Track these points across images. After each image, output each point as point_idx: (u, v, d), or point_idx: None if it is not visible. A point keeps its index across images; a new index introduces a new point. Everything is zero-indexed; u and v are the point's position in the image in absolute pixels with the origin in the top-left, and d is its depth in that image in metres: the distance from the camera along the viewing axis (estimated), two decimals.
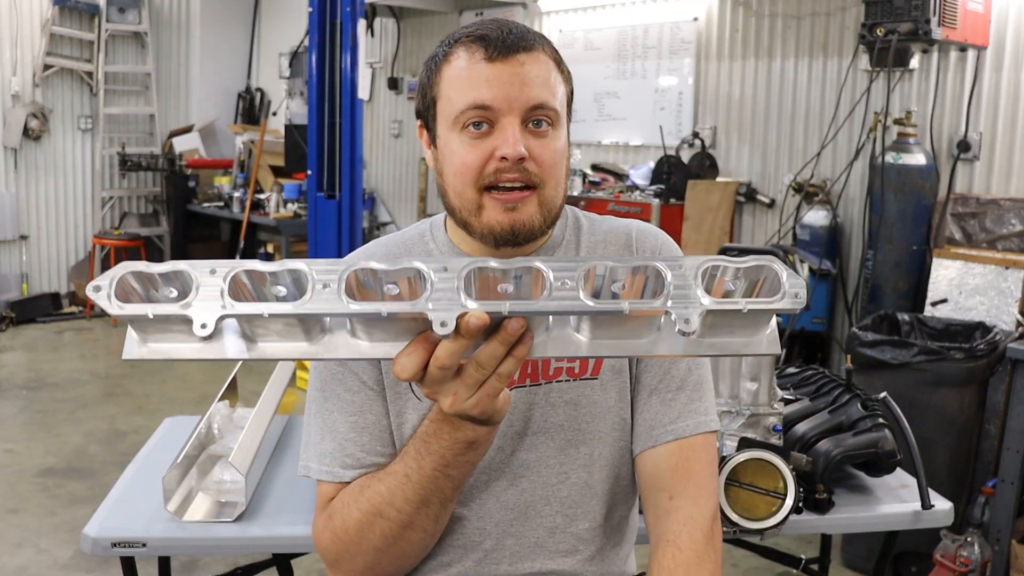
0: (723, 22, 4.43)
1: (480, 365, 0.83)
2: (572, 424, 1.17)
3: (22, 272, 6.52)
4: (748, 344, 0.83)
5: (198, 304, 0.76)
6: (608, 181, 4.69)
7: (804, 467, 1.65)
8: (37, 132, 6.45)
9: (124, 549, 1.51)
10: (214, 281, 0.76)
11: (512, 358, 0.82)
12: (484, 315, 0.76)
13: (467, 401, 0.86)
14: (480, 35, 1.06)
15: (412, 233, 1.24)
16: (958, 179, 3.51)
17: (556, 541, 1.18)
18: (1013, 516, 2.71)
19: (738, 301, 0.77)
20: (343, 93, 4.37)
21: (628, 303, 0.77)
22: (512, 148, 1.04)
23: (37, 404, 4.64)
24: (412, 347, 0.82)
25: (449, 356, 0.80)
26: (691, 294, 0.77)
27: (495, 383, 0.85)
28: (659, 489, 1.15)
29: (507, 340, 0.80)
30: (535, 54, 1.06)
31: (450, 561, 1.18)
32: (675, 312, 0.76)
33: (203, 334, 0.75)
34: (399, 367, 0.82)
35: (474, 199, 1.08)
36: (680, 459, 1.15)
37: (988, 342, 2.85)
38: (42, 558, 3.02)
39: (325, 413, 1.15)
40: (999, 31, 3.39)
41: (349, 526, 1.07)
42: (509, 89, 1.04)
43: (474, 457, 0.97)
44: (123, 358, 0.81)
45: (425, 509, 1.03)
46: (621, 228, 1.24)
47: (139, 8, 6.77)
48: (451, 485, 1.00)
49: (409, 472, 1.00)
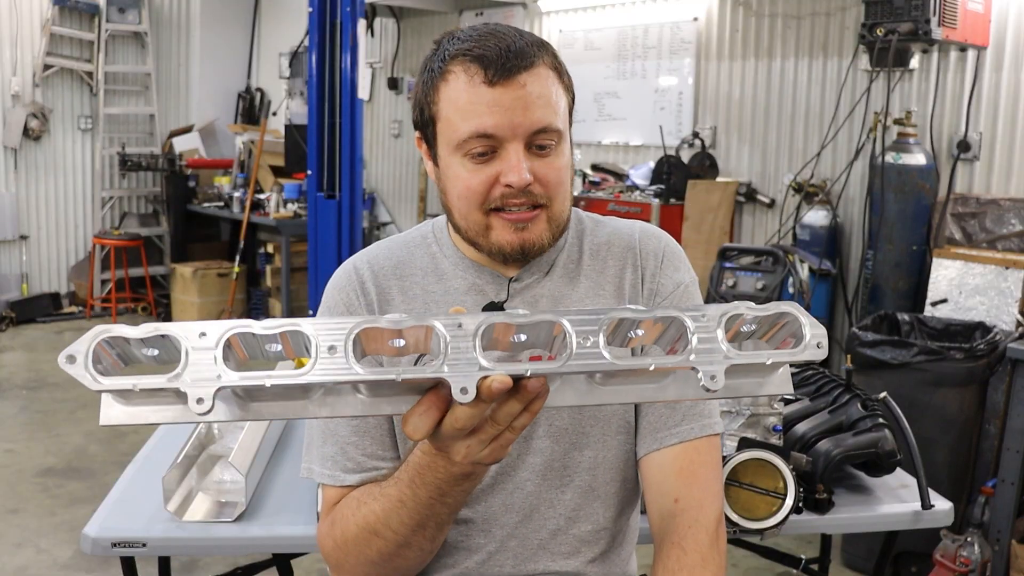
0: (723, 22, 4.43)
1: (496, 422, 0.80)
2: (577, 427, 1.17)
3: (22, 272, 6.53)
4: (761, 385, 0.81)
5: (190, 375, 0.69)
6: (608, 181, 4.69)
7: (804, 467, 1.65)
8: (37, 132, 6.45)
9: (124, 549, 1.50)
10: (205, 345, 0.69)
11: (527, 413, 0.79)
12: (508, 379, 0.73)
13: (480, 454, 0.84)
14: (479, 55, 1.03)
15: (415, 235, 1.24)
16: (958, 179, 3.51)
17: (559, 543, 1.18)
18: (1013, 516, 2.71)
19: (762, 353, 0.74)
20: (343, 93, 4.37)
21: (653, 360, 0.74)
22: (518, 176, 1.04)
23: (37, 404, 4.64)
24: (424, 408, 0.78)
25: (469, 419, 0.78)
26: (715, 347, 0.74)
27: (509, 435, 0.82)
28: (664, 492, 1.14)
29: (526, 399, 0.78)
30: (536, 71, 1.04)
31: (454, 563, 1.18)
32: (701, 369, 0.73)
33: (200, 410, 0.68)
34: (411, 428, 0.79)
35: (481, 221, 1.08)
36: (685, 462, 1.14)
37: (988, 342, 2.85)
38: (42, 558, 3.02)
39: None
40: (999, 31, 3.39)
41: (348, 538, 1.07)
42: (512, 115, 1.03)
43: (470, 486, 0.95)
44: (101, 424, 0.73)
45: (421, 531, 1.01)
46: (624, 230, 1.23)
47: (139, 8, 6.78)
48: (447, 510, 0.98)
49: (404, 498, 0.98)
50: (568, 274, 1.19)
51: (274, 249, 6.28)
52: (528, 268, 1.17)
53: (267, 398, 0.76)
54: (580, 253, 1.21)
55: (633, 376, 0.79)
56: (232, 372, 0.69)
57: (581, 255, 1.21)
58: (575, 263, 1.20)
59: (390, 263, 1.19)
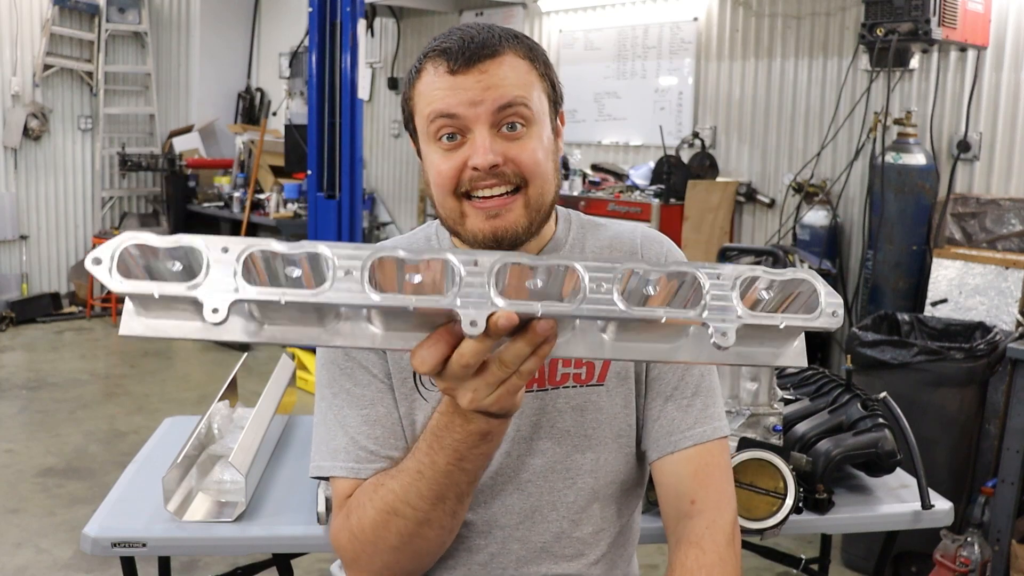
0: (723, 22, 4.43)
1: (504, 364, 0.81)
2: (579, 430, 1.17)
3: (22, 272, 6.53)
4: (776, 355, 0.81)
5: (208, 285, 0.70)
6: (608, 181, 4.70)
7: (804, 467, 1.65)
8: (37, 132, 6.45)
9: (124, 549, 1.50)
10: (227, 260, 0.71)
11: (535, 357, 0.80)
12: (515, 316, 0.74)
13: (487, 398, 0.84)
14: (443, 48, 1.06)
15: (418, 235, 1.25)
16: (958, 179, 3.51)
17: (562, 545, 1.18)
18: (1013, 516, 2.71)
19: (776, 316, 0.75)
20: (343, 93, 4.37)
21: (664, 311, 0.74)
22: (482, 157, 1.04)
23: (37, 404, 4.64)
24: (433, 340, 0.79)
25: (475, 355, 0.78)
26: (728, 306, 0.74)
27: (516, 381, 0.83)
28: (680, 494, 1.16)
29: (534, 341, 0.78)
30: (500, 59, 1.05)
31: (455, 565, 1.18)
32: (712, 324, 0.74)
33: (215, 320, 0.69)
34: (418, 360, 0.79)
35: (455, 207, 1.08)
36: (699, 464, 1.16)
37: (988, 342, 2.85)
38: (42, 558, 3.02)
39: (335, 409, 1.15)
40: (999, 31, 3.39)
41: (365, 525, 1.06)
42: (472, 94, 1.04)
43: (488, 449, 0.95)
44: (120, 333, 0.76)
45: (441, 505, 1.01)
46: (626, 234, 1.24)
47: (139, 8, 6.78)
48: (466, 479, 0.98)
49: (422, 468, 0.98)
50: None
51: None
52: None
53: (281, 321, 0.76)
54: (582, 253, 1.21)
55: (645, 333, 0.79)
56: (249, 287, 0.70)
57: (583, 255, 1.21)
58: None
59: None
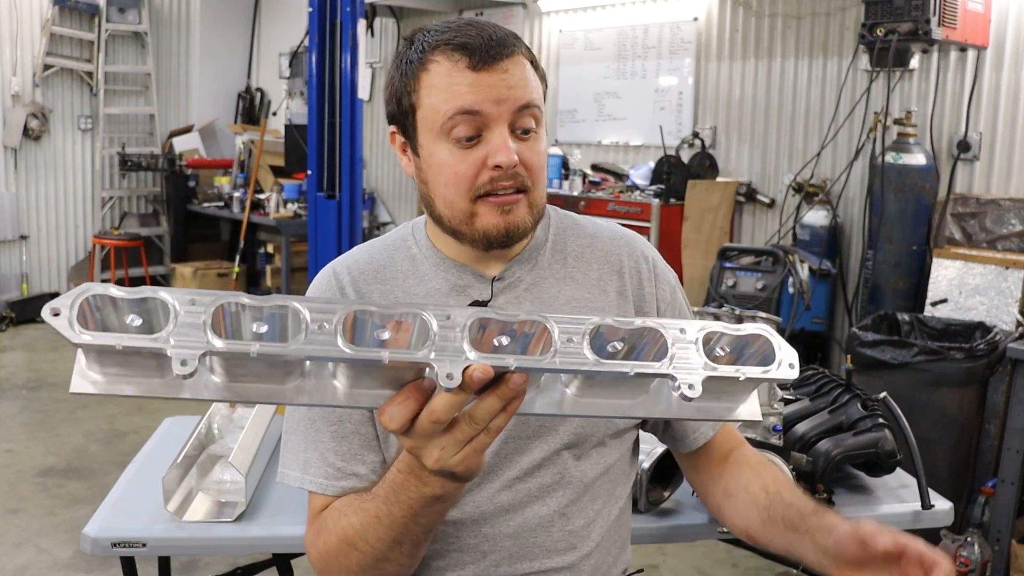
0: (723, 22, 4.43)
1: (474, 420, 0.79)
2: (568, 426, 1.17)
3: (22, 272, 6.53)
4: (731, 410, 0.84)
5: (176, 337, 0.68)
6: (608, 181, 4.70)
7: (804, 467, 1.65)
8: (37, 132, 6.45)
9: (124, 549, 1.50)
10: (194, 312, 0.69)
11: (505, 413, 0.79)
12: (490, 369, 0.74)
13: (453, 457, 0.82)
14: (461, 43, 1.04)
15: (394, 238, 1.23)
16: (958, 179, 3.51)
17: (554, 540, 1.18)
18: (1013, 516, 2.71)
19: (738, 369, 0.78)
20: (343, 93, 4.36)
21: (633, 364, 0.76)
22: (507, 156, 1.04)
23: (37, 404, 4.64)
24: (403, 396, 0.77)
25: (447, 410, 0.77)
26: (692, 359, 0.77)
27: (484, 438, 0.81)
28: (717, 457, 1.26)
29: (506, 395, 0.77)
30: (516, 58, 1.06)
31: (446, 565, 1.17)
32: (680, 376, 0.76)
33: (183, 372, 0.66)
34: (387, 417, 0.78)
35: (466, 209, 1.08)
36: (724, 437, 1.26)
37: (988, 342, 2.85)
38: (42, 558, 3.02)
39: (308, 422, 1.14)
40: (999, 31, 3.39)
41: (329, 549, 1.07)
42: (496, 93, 1.03)
43: (443, 508, 0.95)
44: (71, 391, 0.70)
45: (398, 547, 1.01)
46: (604, 233, 1.25)
47: (139, 8, 6.77)
48: (420, 530, 0.98)
49: (380, 515, 0.98)
50: (554, 275, 1.19)
51: (274, 249, 6.29)
52: (510, 267, 1.17)
53: (246, 378, 0.75)
54: (564, 253, 1.21)
55: (610, 388, 0.81)
56: (218, 340, 0.69)
57: (565, 255, 1.21)
58: (560, 263, 1.20)
59: (370, 267, 1.19)
